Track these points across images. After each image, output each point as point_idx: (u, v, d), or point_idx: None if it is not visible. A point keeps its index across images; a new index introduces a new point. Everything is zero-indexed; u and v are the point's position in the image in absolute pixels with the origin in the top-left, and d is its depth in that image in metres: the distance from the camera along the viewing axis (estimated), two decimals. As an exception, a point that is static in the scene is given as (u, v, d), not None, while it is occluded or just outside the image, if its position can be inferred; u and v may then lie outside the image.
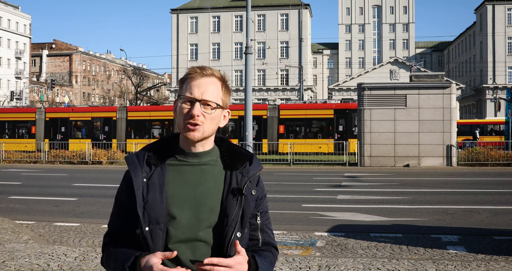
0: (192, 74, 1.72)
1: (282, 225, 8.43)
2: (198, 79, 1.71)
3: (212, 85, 1.72)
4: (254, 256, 1.68)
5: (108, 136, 32.27)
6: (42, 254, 6.32)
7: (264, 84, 66.85)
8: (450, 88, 20.92)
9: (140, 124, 32.77)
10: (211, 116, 1.71)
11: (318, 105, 31.81)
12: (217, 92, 1.73)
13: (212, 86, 1.72)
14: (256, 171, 1.78)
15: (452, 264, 5.78)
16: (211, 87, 1.71)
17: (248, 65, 22.95)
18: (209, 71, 1.73)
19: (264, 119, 31.16)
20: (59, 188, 14.72)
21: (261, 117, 30.97)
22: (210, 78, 1.72)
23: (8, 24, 74.80)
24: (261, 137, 30.45)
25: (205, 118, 1.69)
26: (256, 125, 30.71)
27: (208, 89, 1.70)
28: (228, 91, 1.79)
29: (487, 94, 64.82)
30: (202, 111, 1.69)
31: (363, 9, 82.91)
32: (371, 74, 63.14)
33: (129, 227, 1.71)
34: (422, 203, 11.07)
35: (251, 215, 1.76)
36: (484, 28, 66.35)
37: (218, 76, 1.75)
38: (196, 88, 1.69)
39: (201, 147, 1.74)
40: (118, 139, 31.92)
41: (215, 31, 67.86)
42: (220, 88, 1.74)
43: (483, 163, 20.84)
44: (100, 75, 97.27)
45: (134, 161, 1.75)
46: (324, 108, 30.85)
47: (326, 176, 18.12)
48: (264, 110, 31.41)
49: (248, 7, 22.93)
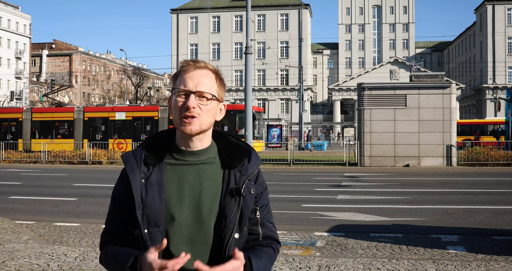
0: (185, 67, 1.69)
1: (282, 225, 8.43)
2: (192, 71, 1.68)
3: (206, 77, 1.69)
4: (249, 257, 1.63)
5: (14, 136, 33.66)
6: (42, 254, 6.32)
7: (264, 84, 66.86)
8: (450, 88, 20.91)
9: (44, 125, 34.02)
10: (207, 108, 1.67)
11: None
12: (212, 84, 1.70)
13: (206, 78, 1.69)
14: (255, 168, 1.75)
15: (452, 264, 5.78)
16: (205, 79, 1.68)
17: (248, 65, 22.95)
18: (202, 64, 1.71)
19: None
20: (59, 188, 14.72)
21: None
22: (203, 71, 1.70)
23: (8, 24, 74.80)
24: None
25: (201, 110, 1.66)
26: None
27: (202, 81, 1.67)
28: (223, 84, 1.76)
29: (487, 94, 64.83)
30: (197, 103, 1.65)
31: (363, 9, 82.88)
32: (371, 74, 63.13)
33: (127, 226, 1.69)
34: (422, 203, 11.07)
35: (251, 210, 1.73)
36: (484, 28, 66.35)
37: (212, 69, 1.72)
38: (190, 81, 1.67)
39: (199, 142, 1.71)
40: (23, 138, 33.16)
41: (215, 31, 67.88)
42: (215, 80, 1.72)
43: (483, 163, 20.83)
44: (100, 75, 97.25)
45: (131, 161, 1.71)
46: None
47: (326, 176, 18.11)
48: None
49: (248, 7, 22.93)
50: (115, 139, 31.91)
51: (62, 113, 33.87)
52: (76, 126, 32.99)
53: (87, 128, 32.85)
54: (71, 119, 33.15)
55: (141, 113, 32.64)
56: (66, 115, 33.48)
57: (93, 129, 32.86)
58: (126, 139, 31.56)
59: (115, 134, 32.47)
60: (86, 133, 32.58)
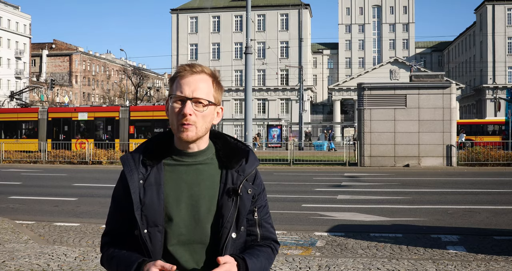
0: (182, 72, 1.68)
1: (282, 225, 8.43)
2: (188, 77, 1.67)
3: (203, 82, 1.68)
4: (243, 257, 1.64)
5: None
6: (42, 254, 6.31)
7: (264, 84, 66.84)
8: (450, 88, 20.91)
9: (9, 125, 34.35)
10: (204, 114, 1.67)
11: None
12: (208, 89, 1.69)
13: (203, 84, 1.68)
14: (252, 169, 1.76)
15: (452, 264, 5.78)
16: (201, 84, 1.67)
17: (248, 65, 22.95)
18: (199, 68, 1.69)
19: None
20: (59, 188, 14.72)
21: None
22: (200, 75, 1.68)
23: (8, 24, 74.80)
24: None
25: (197, 117, 1.66)
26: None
27: (198, 87, 1.66)
28: (220, 87, 1.74)
29: (487, 94, 64.82)
30: (194, 109, 1.65)
31: (363, 9, 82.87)
32: (371, 74, 63.14)
33: (127, 226, 1.70)
34: (422, 203, 11.07)
35: (248, 211, 1.74)
36: (484, 28, 66.34)
37: (209, 73, 1.71)
38: (186, 86, 1.65)
39: (195, 146, 1.72)
40: None
41: (215, 31, 67.87)
42: (212, 85, 1.70)
43: (483, 163, 20.84)
44: (100, 75, 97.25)
45: (130, 162, 1.72)
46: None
47: (326, 175, 18.11)
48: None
49: (248, 7, 22.94)
50: (78, 138, 32.34)
51: (26, 114, 34.37)
52: (40, 126, 33.39)
53: (51, 129, 33.26)
54: (35, 119, 33.57)
55: (103, 114, 33.13)
56: (30, 116, 33.94)
57: (57, 129, 33.27)
58: (88, 138, 31.91)
59: (78, 134, 32.95)
60: (50, 134, 33.01)
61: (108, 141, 29.93)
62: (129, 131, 31.50)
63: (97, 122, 33.07)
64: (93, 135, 32.46)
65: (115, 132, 32.17)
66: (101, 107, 35.53)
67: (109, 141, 29.77)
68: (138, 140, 30.73)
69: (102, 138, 31.91)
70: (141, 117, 31.66)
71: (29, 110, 34.74)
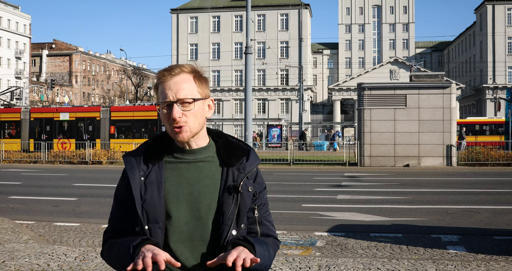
0: (162, 78, 1.72)
1: (282, 225, 8.43)
2: (169, 81, 1.70)
3: (184, 82, 1.71)
4: (252, 242, 1.65)
5: None
6: (42, 254, 6.31)
7: (264, 84, 66.84)
8: (450, 88, 20.91)
9: None
10: (193, 112, 1.70)
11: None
12: (191, 87, 1.72)
13: (185, 84, 1.70)
14: (253, 167, 1.78)
15: (452, 264, 5.77)
16: (183, 84, 1.70)
17: (248, 65, 22.96)
18: (177, 70, 1.72)
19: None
20: (59, 188, 14.72)
21: None
22: (179, 76, 1.71)
23: (8, 24, 74.81)
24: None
25: (187, 117, 1.69)
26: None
27: (181, 88, 1.69)
28: (203, 80, 1.76)
29: (487, 94, 64.83)
30: (182, 110, 1.68)
31: (363, 9, 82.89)
32: (371, 74, 63.13)
33: (130, 223, 1.72)
34: (422, 203, 11.07)
35: (248, 209, 1.76)
36: (484, 28, 66.35)
37: (188, 71, 1.73)
38: (169, 91, 1.69)
39: (194, 143, 1.75)
40: None
41: (215, 31, 67.87)
42: (194, 82, 1.73)
43: (483, 163, 20.84)
44: (100, 75, 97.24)
45: (131, 160, 1.76)
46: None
47: (326, 175, 18.11)
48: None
49: (248, 7, 22.95)
50: (60, 138, 32.53)
51: (9, 114, 34.52)
52: (23, 126, 33.54)
53: (33, 129, 33.41)
54: (18, 120, 33.73)
55: (84, 114, 33.31)
56: (13, 116, 34.08)
57: (39, 129, 33.39)
58: (70, 138, 32.25)
59: (60, 134, 33.11)
60: (32, 134, 33.15)
61: (89, 141, 29.99)
62: (109, 131, 31.68)
63: (79, 123, 33.25)
64: (74, 135, 32.67)
65: (96, 132, 32.35)
66: (82, 107, 35.62)
67: (90, 140, 29.78)
68: (118, 139, 30.97)
69: (83, 138, 31.98)
70: (121, 117, 31.87)
71: (11, 111, 34.88)
